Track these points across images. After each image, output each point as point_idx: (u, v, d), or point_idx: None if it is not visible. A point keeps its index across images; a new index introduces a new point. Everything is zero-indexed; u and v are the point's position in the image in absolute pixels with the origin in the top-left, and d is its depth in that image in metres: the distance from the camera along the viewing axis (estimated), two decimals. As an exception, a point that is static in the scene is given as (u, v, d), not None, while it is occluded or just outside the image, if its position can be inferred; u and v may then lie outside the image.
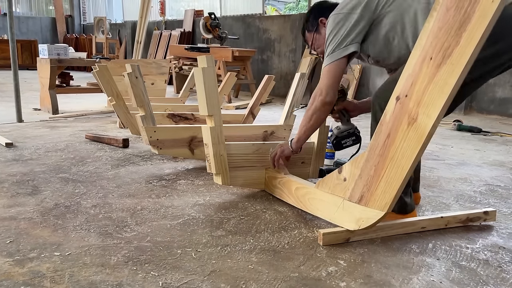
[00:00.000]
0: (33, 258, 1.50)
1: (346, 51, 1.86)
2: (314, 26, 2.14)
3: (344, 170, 1.75)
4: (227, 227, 1.83)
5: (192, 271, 1.44)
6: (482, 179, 2.68)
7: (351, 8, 1.87)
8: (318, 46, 2.16)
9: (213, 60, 1.95)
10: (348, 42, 1.86)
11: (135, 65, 2.53)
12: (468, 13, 1.31)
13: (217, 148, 2.02)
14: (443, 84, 1.38)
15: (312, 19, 2.15)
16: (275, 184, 2.19)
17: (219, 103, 1.98)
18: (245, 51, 7.03)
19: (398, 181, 1.52)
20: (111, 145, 3.27)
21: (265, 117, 4.89)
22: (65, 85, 5.44)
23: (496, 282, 1.44)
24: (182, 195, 2.22)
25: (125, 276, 1.40)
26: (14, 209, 1.95)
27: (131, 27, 11.39)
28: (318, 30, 2.13)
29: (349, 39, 1.86)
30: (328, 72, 1.90)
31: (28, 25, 13.96)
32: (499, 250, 1.69)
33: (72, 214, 1.92)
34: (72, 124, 4.24)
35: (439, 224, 1.86)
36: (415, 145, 1.46)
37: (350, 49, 1.86)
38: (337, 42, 1.87)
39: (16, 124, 4.10)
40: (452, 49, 1.36)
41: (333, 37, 1.89)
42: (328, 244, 1.67)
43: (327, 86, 1.91)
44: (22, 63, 11.17)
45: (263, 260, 1.54)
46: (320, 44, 2.13)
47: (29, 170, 2.56)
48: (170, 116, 3.22)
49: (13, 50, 4.19)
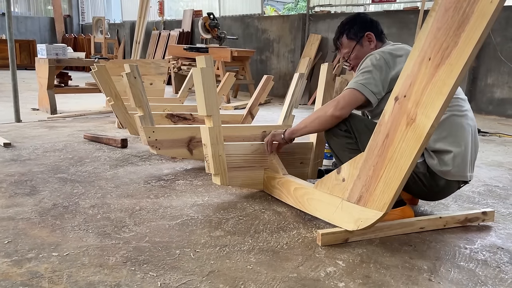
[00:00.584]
0: (31, 258, 1.50)
1: (369, 96, 1.87)
2: (359, 37, 2.09)
3: (342, 170, 1.75)
4: (226, 227, 1.83)
5: (191, 272, 1.44)
6: (481, 179, 2.68)
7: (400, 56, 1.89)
8: (355, 58, 2.11)
9: (212, 60, 1.94)
10: (377, 91, 1.88)
11: (133, 65, 2.53)
12: (466, 14, 1.31)
13: (215, 149, 2.01)
14: (441, 85, 1.38)
15: (358, 29, 2.09)
16: (273, 185, 2.19)
17: (218, 103, 1.98)
18: (244, 51, 7.03)
19: (396, 182, 1.52)
20: (109, 145, 3.27)
21: (264, 117, 4.89)
22: (63, 85, 5.43)
23: (494, 282, 1.44)
24: (181, 196, 2.22)
25: (123, 276, 1.40)
26: (12, 210, 1.95)
27: (130, 27, 11.39)
28: (361, 42, 2.09)
29: (380, 88, 1.88)
30: (353, 95, 1.89)
31: (26, 25, 13.94)
32: (498, 250, 1.69)
33: (70, 214, 1.91)
34: (70, 124, 4.23)
35: (438, 224, 1.86)
36: (414, 146, 1.46)
37: (372, 97, 1.88)
38: (373, 81, 1.87)
39: (14, 124, 4.09)
40: (450, 49, 1.36)
41: (373, 71, 1.88)
42: (326, 244, 1.67)
43: (345, 104, 1.90)
44: (20, 63, 11.16)
45: (261, 261, 1.54)
46: (359, 58, 2.07)
47: (27, 170, 2.56)
48: (168, 116, 3.22)
49: (12, 50, 4.18)
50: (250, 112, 3.37)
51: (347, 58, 2.15)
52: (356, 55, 2.10)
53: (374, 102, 1.89)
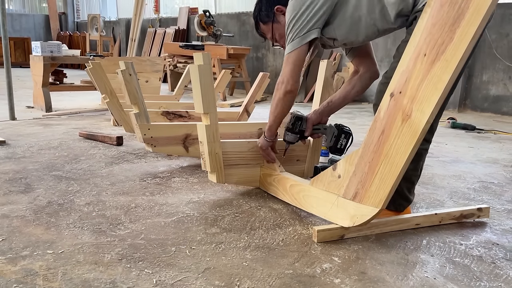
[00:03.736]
0: (26, 256, 1.49)
1: (307, 38, 1.84)
2: (270, 16, 2.05)
3: (338, 167, 1.75)
4: (222, 224, 1.83)
5: (187, 269, 1.44)
6: (476, 176, 2.69)
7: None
8: (281, 37, 2.07)
9: (210, 57, 1.93)
10: (309, 29, 1.83)
11: (128, 62, 2.52)
12: (462, 9, 1.31)
13: (212, 146, 2.01)
14: (437, 80, 1.38)
15: (265, 9, 2.07)
16: (270, 182, 2.19)
17: (215, 101, 1.97)
18: (240, 48, 7.01)
19: (392, 178, 1.52)
20: (105, 143, 3.26)
21: (260, 115, 4.88)
22: (58, 83, 5.40)
23: (489, 278, 1.45)
24: (177, 193, 2.21)
25: (118, 273, 1.39)
26: (7, 207, 1.93)
27: (125, 25, 11.34)
28: (275, 19, 2.05)
29: (310, 25, 1.82)
30: (288, 61, 1.89)
31: (21, 22, 13.86)
32: (493, 246, 1.69)
33: (65, 212, 1.90)
34: (65, 122, 4.21)
35: (433, 220, 1.86)
36: (409, 142, 1.46)
37: (311, 35, 1.83)
38: (298, 29, 1.84)
39: (9, 122, 4.07)
40: (446, 45, 1.36)
41: (294, 23, 1.85)
42: (322, 241, 1.67)
43: (288, 75, 1.90)
44: (15, 61, 11.09)
45: (257, 257, 1.53)
46: (283, 34, 2.02)
47: (22, 168, 2.54)
48: (164, 114, 3.21)
49: (6, 47, 4.15)
50: (246, 110, 3.36)
51: (273, 41, 2.12)
52: (279, 34, 2.08)
53: (317, 35, 1.84)
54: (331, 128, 2.15)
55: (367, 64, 2.12)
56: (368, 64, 2.12)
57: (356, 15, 1.81)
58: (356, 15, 1.81)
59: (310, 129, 2.14)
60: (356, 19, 1.82)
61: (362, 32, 1.84)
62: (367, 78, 2.13)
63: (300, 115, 2.11)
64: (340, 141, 2.15)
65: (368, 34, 1.84)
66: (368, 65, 2.12)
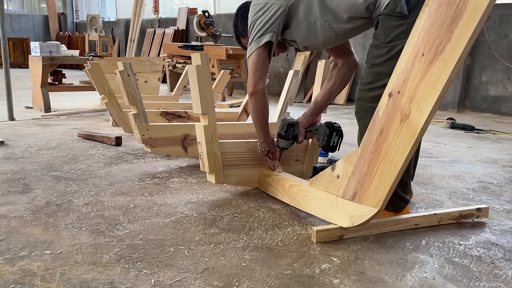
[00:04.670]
0: (24, 256, 1.48)
1: (261, 42, 1.90)
2: (246, 30, 2.09)
3: (337, 167, 1.75)
4: (221, 224, 1.82)
5: (185, 269, 1.44)
6: (475, 176, 2.69)
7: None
8: None
9: (208, 58, 1.93)
10: (263, 32, 1.89)
11: (127, 63, 2.52)
12: (459, 9, 1.31)
13: (210, 147, 2.01)
14: (435, 80, 1.38)
15: (241, 23, 2.13)
16: (268, 182, 2.19)
17: (213, 101, 1.97)
18: (239, 49, 6.98)
19: (391, 178, 1.52)
20: (103, 143, 3.25)
21: (259, 115, 4.88)
22: (57, 83, 5.39)
23: (489, 278, 1.45)
24: (175, 193, 2.21)
25: (117, 274, 1.39)
26: (5, 208, 1.93)
27: (125, 25, 11.33)
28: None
29: (264, 29, 1.89)
30: (248, 64, 1.96)
31: (20, 23, 13.84)
32: (492, 246, 1.69)
33: (63, 212, 1.90)
34: (64, 122, 4.21)
35: (432, 221, 1.86)
36: (408, 142, 1.46)
37: (264, 39, 1.90)
38: (255, 33, 1.91)
39: (8, 122, 4.06)
40: (444, 45, 1.36)
41: (252, 28, 1.92)
42: (321, 241, 1.66)
43: (249, 78, 1.97)
44: (14, 61, 11.08)
45: (256, 258, 1.53)
46: None
47: (20, 168, 2.54)
48: (163, 114, 3.21)
49: (5, 48, 4.15)
50: (245, 110, 3.36)
51: None
52: None
53: (271, 38, 1.89)
54: (322, 128, 2.16)
55: (344, 55, 2.14)
56: (345, 56, 2.14)
57: (311, 19, 1.86)
58: (310, 19, 1.86)
59: (303, 133, 2.17)
60: (311, 23, 1.87)
61: (320, 34, 1.88)
62: (346, 70, 2.16)
63: (292, 121, 2.14)
64: (332, 139, 2.16)
65: (326, 37, 1.89)
66: (345, 57, 2.14)
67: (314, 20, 1.85)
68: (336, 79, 2.17)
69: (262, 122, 2.09)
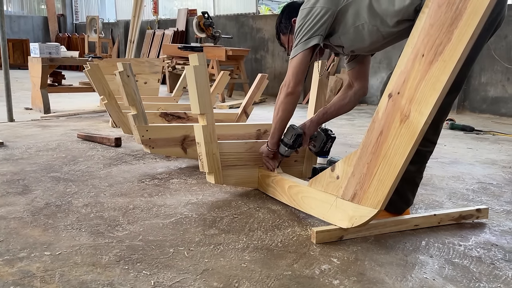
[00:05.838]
0: (23, 257, 1.48)
1: (308, 44, 1.90)
2: (288, 28, 2.13)
3: (337, 168, 1.75)
4: (220, 225, 1.82)
5: (185, 270, 1.43)
6: (475, 177, 2.69)
7: (315, 2, 1.90)
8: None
9: (205, 58, 1.93)
10: (310, 35, 1.89)
11: (126, 63, 2.51)
12: (459, 10, 1.31)
13: (209, 147, 2.00)
14: (435, 81, 1.38)
15: (285, 21, 2.15)
16: (268, 183, 2.18)
17: (211, 101, 1.97)
18: (239, 50, 7.01)
19: (390, 179, 1.52)
20: (103, 144, 3.25)
21: (258, 116, 4.88)
22: (57, 84, 5.39)
23: (489, 279, 1.44)
24: (175, 194, 2.20)
25: (116, 275, 1.39)
26: (4, 209, 1.93)
27: (124, 26, 11.33)
28: (292, 30, 2.11)
29: (312, 32, 1.89)
30: (291, 64, 1.96)
31: (19, 24, 13.84)
32: (492, 247, 1.69)
33: (63, 213, 1.90)
34: (64, 123, 4.20)
35: (432, 222, 1.86)
36: (408, 142, 1.46)
37: (312, 42, 1.90)
38: (302, 35, 1.91)
39: (7, 124, 4.06)
40: (443, 46, 1.36)
41: (299, 31, 1.93)
42: (321, 242, 1.66)
43: (290, 77, 1.97)
44: (13, 63, 11.07)
45: (256, 259, 1.53)
46: None
47: (20, 170, 2.53)
48: (162, 115, 3.20)
49: (4, 49, 4.15)
50: (244, 111, 3.36)
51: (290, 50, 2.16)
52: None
53: (319, 41, 1.89)
54: (320, 135, 2.25)
55: (363, 80, 2.19)
56: (363, 81, 2.20)
57: (359, 24, 1.86)
58: (358, 24, 1.86)
59: (308, 141, 2.22)
60: (359, 28, 1.86)
61: (367, 39, 1.88)
62: (359, 95, 2.22)
63: (300, 132, 2.16)
64: (326, 146, 2.26)
65: (373, 40, 1.87)
66: (363, 82, 2.20)
67: (362, 24, 1.85)
68: (349, 100, 2.22)
69: (284, 124, 2.11)
